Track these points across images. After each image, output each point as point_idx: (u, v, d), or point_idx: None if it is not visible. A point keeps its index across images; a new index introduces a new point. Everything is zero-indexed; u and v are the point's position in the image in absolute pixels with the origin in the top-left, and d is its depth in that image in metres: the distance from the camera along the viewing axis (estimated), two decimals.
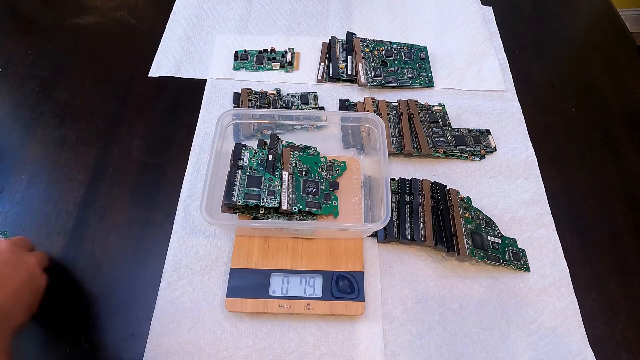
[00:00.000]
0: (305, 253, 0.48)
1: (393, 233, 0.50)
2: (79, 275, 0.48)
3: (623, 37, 0.75)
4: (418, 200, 0.52)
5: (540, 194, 0.55)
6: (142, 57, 0.68)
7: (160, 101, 0.63)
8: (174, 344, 0.44)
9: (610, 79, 0.68)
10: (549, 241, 0.52)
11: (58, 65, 0.67)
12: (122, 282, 0.48)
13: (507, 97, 0.65)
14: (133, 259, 0.49)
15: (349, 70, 0.66)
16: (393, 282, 0.48)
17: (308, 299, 0.45)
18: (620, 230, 0.53)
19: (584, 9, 0.80)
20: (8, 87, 0.64)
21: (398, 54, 0.68)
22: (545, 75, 0.69)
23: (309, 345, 0.44)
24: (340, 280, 0.46)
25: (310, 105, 0.62)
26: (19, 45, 0.69)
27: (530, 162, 0.58)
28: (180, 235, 0.51)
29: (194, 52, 0.69)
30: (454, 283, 0.49)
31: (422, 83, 0.66)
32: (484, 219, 0.52)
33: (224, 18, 0.74)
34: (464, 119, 0.62)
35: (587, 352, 0.45)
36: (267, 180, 0.48)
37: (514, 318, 0.47)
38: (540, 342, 0.45)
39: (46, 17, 0.74)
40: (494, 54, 0.69)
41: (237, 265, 0.47)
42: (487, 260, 0.49)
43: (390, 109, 0.62)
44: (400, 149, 0.57)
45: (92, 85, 0.65)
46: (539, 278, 0.49)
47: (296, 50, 0.69)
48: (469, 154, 0.58)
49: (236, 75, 0.66)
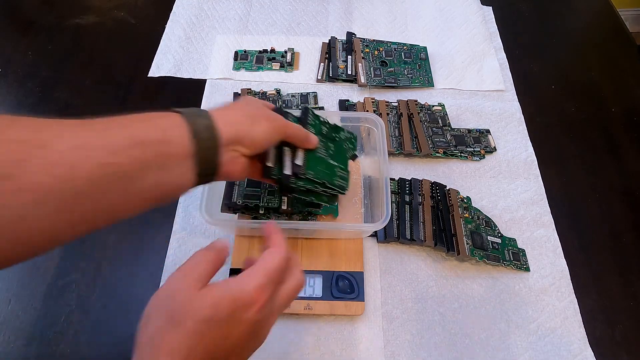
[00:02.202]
0: (305, 253, 0.48)
1: (393, 233, 0.50)
2: (79, 276, 0.48)
3: (623, 37, 0.75)
4: (418, 200, 0.52)
5: (540, 194, 0.55)
6: (142, 57, 0.68)
7: (160, 101, 0.63)
8: None
9: (610, 79, 0.68)
10: (549, 241, 0.52)
11: (58, 65, 0.67)
12: (122, 282, 0.48)
13: (507, 97, 0.65)
14: (133, 259, 0.49)
15: (349, 70, 0.66)
16: (393, 282, 0.48)
17: (308, 299, 0.45)
18: (620, 230, 0.53)
19: (583, 9, 0.80)
20: (8, 87, 0.64)
21: (398, 54, 0.68)
22: (545, 75, 0.69)
23: (309, 345, 0.44)
24: (340, 280, 0.46)
25: (310, 105, 0.62)
26: (19, 45, 0.69)
27: (530, 162, 0.58)
28: (180, 235, 0.51)
29: (193, 52, 0.69)
30: (454, 283, 0.49)
31: (422, 83, 0.66)
32: (483, 219, 0.52)
33: (224, 18, 0.74)
34: (463, 119, 0.62)
35: (587, 352, 0.45)
36: None
37: (514, 318, 0.47)
38: (540, 342, 0.45)
39: (46, 17, 0.74)
40: (493, 54, 0.69)
41: (237, 265, 0.47)
42: (487, 260, 0.49)
43: (390, 109, 0.62)
44: (400, 149, 0.57)
45: (92, 85, 0.65)
46: (539, 278, 0.49)
47: (296, 50, 0.69)
48: (469, 154, 0.58)
49: (236, 76, 0.66)
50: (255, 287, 0.27)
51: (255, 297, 0.27)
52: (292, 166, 0.39)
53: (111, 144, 0.26)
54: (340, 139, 0.46)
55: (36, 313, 0.45)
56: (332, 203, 0.44)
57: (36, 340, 0.44)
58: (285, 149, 0.39)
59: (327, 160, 0.42)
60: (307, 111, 0.43)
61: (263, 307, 0.27)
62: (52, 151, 0.24)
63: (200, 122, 0.31)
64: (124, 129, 0.28)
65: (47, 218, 0.24)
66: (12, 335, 0.44)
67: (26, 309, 0.46)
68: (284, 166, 0.39)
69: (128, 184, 0.27)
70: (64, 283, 0.47)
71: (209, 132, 0.31)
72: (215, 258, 0.29)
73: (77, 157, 0.25)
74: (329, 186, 0.41)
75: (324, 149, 0.43)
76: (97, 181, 0.25)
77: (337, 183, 0.42)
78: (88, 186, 0.25)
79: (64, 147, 0.24)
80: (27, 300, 0.46)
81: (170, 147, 0.29)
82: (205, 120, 0.31)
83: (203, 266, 0.28)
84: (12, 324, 0.45)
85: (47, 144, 0.24)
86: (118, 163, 0.26)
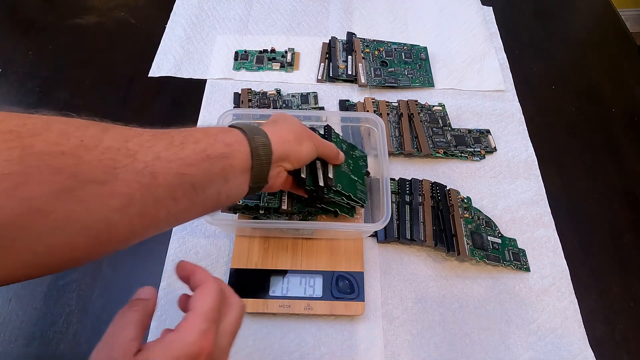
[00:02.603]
0: (305, 253, 0.48)
1: (393, 233, 0.50)
2: (79, 276, 0.48)
3: (623, 37, 0.75)
4: (418, 200, 0.52)
5: (540, 194, 0.55)
6: (142, 57, 0.68)
7: (160, 101, 0.63)
8: None
9: (610, 79, 0.68)
10: (549, 241, 0.52)
11: (58, 65, 0.67)
12: (122, 282, 0.48)
13: (507, 97, 0.65)
14: (133, 259, 0.49)
15: (349, 70, 0.66)
16: (393, 282, 0.48)
17: (308, 299, 0.45)
18: (620, 230, 0.53)
19: (584, 9, 0.80)
20: (8, 87, 0.64)
21: (398, 54, 0.68)
22: (545, 75, 0.69)
23: (309, 345, 0.44)
24: (340, 280, 0.46)
25: (310, 105, 0.62)
26: (19, 45, 0.69)
27: (530, 162, 0.58)
28: (180, 235, 0.51)
29: (194, 52, 0.69)
30: (454, 283, 0.48)
31: (422, 83, 0.66)
32: (484, 219, 0.52)
33: (224, 18, 0.74)
34: (464, 119, 0.62)
35: (587, 353, 0.45)
36: None
37: (514, 318, 0.47)
38: (540, 342, 0.45)
39: (46, 17, 0.74)
40: (494, 54, 0.69)
41: (237, 265, 0.47)
42: (487, 261, 0.49)
43: (390, 109, 0.62)
44: (400, 149, 0.57)
45: (92, 85, 0.65)
46: (539, 278, 0.49)
47: (296, 50, 0.69)
48: (469, 154, 0.58)
49: (236, 76, 0.66)
50: (198, 336, 0.25)
51: (200, 346, 0.25)
52: (324, 179, 0.43)
53: (187, 156, 0.29)
54: (355, 156, 0.50)
55: (36, 313, 0.45)
56: (351, 214, 0.48)
57: (36, 340, 0.44)
58: (317, 163, 0.44)
59: (349, 175, 0.47)
60: (330, 129, 0.48)
61: (211, 353, 0.26)
62: (138, 161, 0.26)
63: (258, 139, 0.34)
64: (197, 143, 0.30)
65: (129, 221, 0.26)
66: (12, 335, 0.44)
67: (26, 309, 0.46)
68: (318, 178, 0.43)
69: (197, 192, 0.30)
70: (64, 283, 0.47)
71: (265, 149, 0.34)
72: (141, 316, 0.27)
73: (159, 167, 0.27)
74: (353, 199, 0.45)
75: (346, 164, 0.47)
76: (173, 190, 0.28)
77: (359, 196, 0.46)
78: (166, 194, 0.28)
79: (148, 157, 0.27)
80: (27, 300, 0.46)
81: (233, 161, 0.32)
82: (262, 138, 0.34)
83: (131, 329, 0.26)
84: (12, 324, 0.45)
85: (134, 154, 0.26)
86: (191, 174, 0.29)
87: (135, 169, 0.26)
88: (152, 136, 0.28)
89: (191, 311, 0.27)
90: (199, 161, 0.29)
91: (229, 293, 0.30)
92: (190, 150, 0.29)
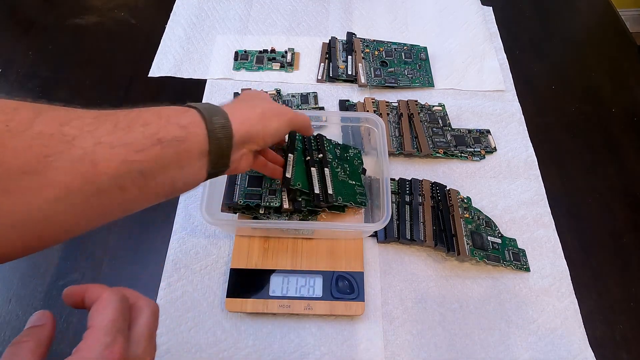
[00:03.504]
0: (305, 253, 0.48)
1: (393, 233, 0.50)
2: (79, 276, 0.48)
3: (623, 37, 0.75)
4: (418, 200, 0.52)
5: (540, 194, 0.55)
6: (142, 57, 0.68)
7: (160, 101, 0.63)
8: (174, 344, 0.44)
9: (610, 79, 0.68)
10: (549, 241, 0.52)
11: (58, 65, 0.67)
12: (122, 282, 0.48)
13: (507, 97, 0.65)
14: (133, 259, 0.49)
15: (349, 70, 0.66)
16: (393, 282, 0.48)
17: (308, 299, 0.45)
18: (620, 230, 0.53)
19: (584, 9, 0.80)
20: (8, 87, 0.64)
21: (398, 54, 0.68)
22: (545, 75, 0.69)
23: (309, 345, 0.44)
24: (340, 280, 0.46)
25: (310, 105, 0.62)
26: (19, 45, 0.69)
27: (530, 162, 0.58)
28: (180, 235, 0.51)
29: (194, 52, 0.69)
30: (454, 283, 0.48)
31: (422, 83, 0.66)
32: (484, 219, 0.52)
33: (224, 18, 0.74)
34: (464, 119, 0.62)
35: (587, 353, 0.45)
36: (268, 180, 0.48)
37: (514, 318, 0.47)
38: (540, 343, 0.45)
39: (46, 17, 0.74)
40: (494, 54, 0.69)
41: (237, 265, 0.47)
42: (487, 261, 0.49)
43: (390, 109, 0.62)
44: (400, 149, 0.57)
45: (92, 85, 0.65)
46: (539, 278, 0.49)
47: (296, 51, 0.69)
48: (469, 154, 0.58)
49: (236, 76, 0.66)
50: (101, 352, 0.23)
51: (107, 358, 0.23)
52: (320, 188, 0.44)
53: (134, 141, 0.26)
54: (350, 157, 0.51)
55: None
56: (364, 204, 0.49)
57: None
58: (312, 170, 0.45)
59: (347, 181, 0.48)
60: (322, 137, 0.49)
61: None
62: (76, 147, 0.24)
63: (216, 121, 0.31)
64: (146, 126, 0.27)
65: (67, 213, 0.24)
66: (12, 335, 0.44)
67: (26, 309, 0.46)
68: (313, 186, 0.44)
69: (148, 180, 0.27)
70: (64, 283, 0.47)
71: (224, 132, 0.31)
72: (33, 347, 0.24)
73: (101, 154, 0.24)
74: (352, 205, 0.47)
75: (342, 170, 0.47)
76: (119, 178, 0.25)
77: (359, 200, 0.48)
78: (110, 183, 0.25)
79: (88, 143, 0.24)
80: (27, 300, 0.46)
81: (188, 145, 0.29)
82: (221, 120, 0.32)
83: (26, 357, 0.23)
84: (12, 324, 0.45)
85: (71, 140, 0.24)
86: (140, 160, 0.26)
87: (72, 157, 0.23)
88: (95, 119, 0.26)
89: (89, 328, 0.24)
90: (149, 146, 0.27)
91: (135, 297, 0.27)
92: (139, 134, 0.26)
